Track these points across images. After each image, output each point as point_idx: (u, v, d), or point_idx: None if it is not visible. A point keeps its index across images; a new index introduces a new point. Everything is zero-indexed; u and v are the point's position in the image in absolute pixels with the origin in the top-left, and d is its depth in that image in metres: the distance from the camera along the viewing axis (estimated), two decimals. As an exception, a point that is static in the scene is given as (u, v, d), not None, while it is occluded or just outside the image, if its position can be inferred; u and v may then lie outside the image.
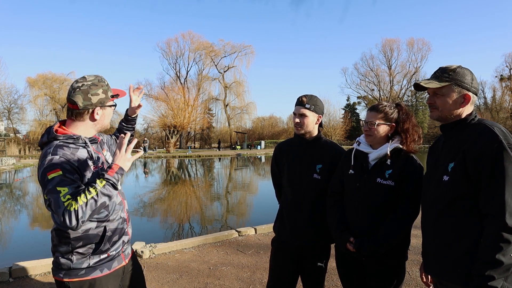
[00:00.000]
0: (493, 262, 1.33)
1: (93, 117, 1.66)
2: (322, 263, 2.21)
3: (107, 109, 1.71)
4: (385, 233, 1.82)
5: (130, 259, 1.89)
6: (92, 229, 1.62)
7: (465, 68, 1.60)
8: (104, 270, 1.68)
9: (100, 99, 1.64)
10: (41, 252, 4.82)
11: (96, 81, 1.65)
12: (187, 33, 51.83)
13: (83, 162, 1.59)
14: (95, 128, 1.72)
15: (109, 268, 1.70)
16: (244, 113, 57.07)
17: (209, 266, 4.20)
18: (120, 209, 1.77)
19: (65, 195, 1.45)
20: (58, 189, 1.46)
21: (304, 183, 2.20)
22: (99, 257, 1.66)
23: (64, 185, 1.47)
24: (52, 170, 1.48)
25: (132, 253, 1.95)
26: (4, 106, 44.26)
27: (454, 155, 1.51)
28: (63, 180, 1.47)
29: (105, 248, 1.67)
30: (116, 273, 1.75)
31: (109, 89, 1.70)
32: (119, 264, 1.77)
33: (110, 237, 1.69)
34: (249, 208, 9.93)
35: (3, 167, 21.12)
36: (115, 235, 1.72)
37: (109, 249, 1.69)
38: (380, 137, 1.95)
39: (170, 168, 22.94)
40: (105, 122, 1.73)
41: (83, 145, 1.64)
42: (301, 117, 2.18)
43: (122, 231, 1.77)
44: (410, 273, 3.76)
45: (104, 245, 1.66)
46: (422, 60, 55.35)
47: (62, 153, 1.53)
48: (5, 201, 11.50)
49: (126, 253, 1.84)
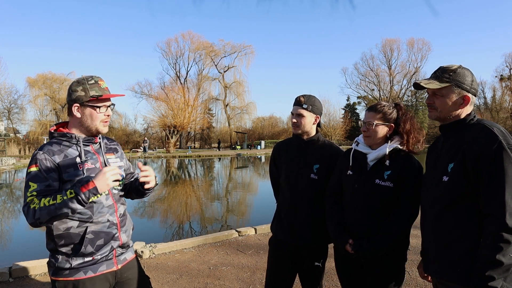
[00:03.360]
0: (493, 262, 1.33)
1: (73, 113, 1.68)
2: (319, 262, 2.21)
3: (87, 109, 1.67)
4: (384, 235, 1.81)
5: (126, 266, 1.81)
6: (74, 228, 1.62)
7: (465, 68, 1.60)
8: (88, 272, 1.65)
9: (78, 96, 1.66)
10: (41, 252, 4.80)
11: (81, 79, 1.70)
12: (187, 33, 51.90)
13: (69, 160, 1.63)
14: (82, 128, 1.71)
15: (94, 271, 1.67)
16: (244, 113, 57.12)
17: (209, 266, 4.20)
18: (108, 212, 1.71)
19: (32, 191, 1.52)
20: (29, 183, 1.54)
21: (301, 183, 2.20)
22: (82, 259, 1.64)
23: (36, 181, 1.54)
24: (31, 165, 1.58)
25: (131, 260, 1.87)
26: (4, 106, 44.25)
27: (453, 156, 1.51)
28: (37, 176, 1.55)
29: (88, 252, 1.63)
30: (103, 277, 1.70)
31: (93, 88, 1.66)
32: (108, 269, 1.72)
33: (92, 240, 1.64)
34: (249, 208, 9.93)
35: (3, 167, 21.11)
36: (99, 238, 1.66)
37: (93, 253, 1.65)
38: (379, 138, 1.93)
39: (170, 168, 22.93)
40: (90, 122, 1.69)
41: (75, 142, 1.68)
42: (298, 117, 2.18)
43: (109, 236, 1.70)
44: (410, 273, 3.77)
45: (86, 248, 1.62)
46: (422, 60, 55.39)
47: (47, 149, 1.61)
48: (5, 201, 11.50)
49: (120, 259, 1.78)
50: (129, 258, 1.86)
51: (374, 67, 57.43)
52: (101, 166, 1.72)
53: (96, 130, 1.72)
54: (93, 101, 1.68)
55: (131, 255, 1.89)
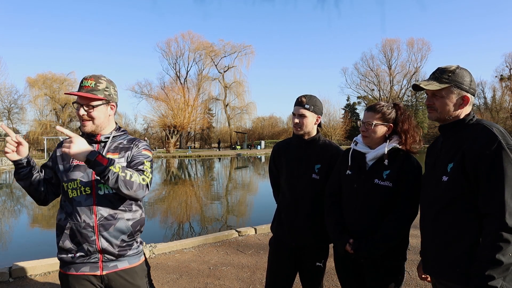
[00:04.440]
0: (492, 262, 1.33)
1: None
2: (320, 262, 2.21)
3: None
4: (383, 234, 1.81)
5: (117, 274, 1.71)
6: (61, 220, 1.71)
7: (463, 68, 1.60)
8: (71, 270, 1.70)
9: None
10: (41, 252, 4.82)
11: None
12: (187, 33, 51.93)
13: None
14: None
15: (76, 270, 1.69)
16: (244, 113, 57.13)
17: (209, 266, 4.20)
18: (85, 213, 1.65)
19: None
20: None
21: (303, 183, 2.20)
22: (66, 254, 1.69)
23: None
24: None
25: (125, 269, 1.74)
26: (4, 106, 44.17)
27: (453, 156, 1.52)
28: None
29: (66, 247, 1.67)
30: (86, 277, 1.68)
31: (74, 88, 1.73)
32: (91, 271, 1.68)
33: (70, 236, 1.66)
34: (249, 208, 9.94)
35: (3, 167, 21.11)
36: (75, 237, 1.66)
37: (72, 249, 1.67)
38: (378, 138, 1.93)
39: (170, 168, 22.93)
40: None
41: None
42: (300, 117, 2.18)
43: (84, 237, 1.65)
44: (410, 273, 3.77)
45: (64, 243, 1.67)
46: (422, 60, 55.47)
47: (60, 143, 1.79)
48: (5, 201, 11.50)
49: (108, 265, 1.70)
50: (122, 267, 1.74)
51: (374, 67, 57.53)
52: None
53: (83, 128, 1.75)
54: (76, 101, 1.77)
55: (126, 264, 1.76)
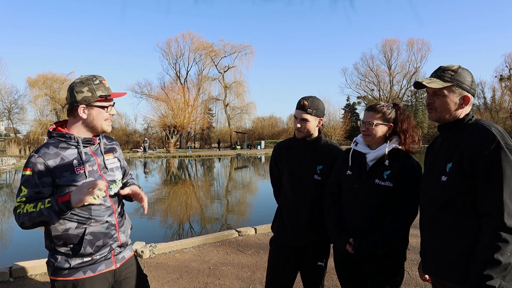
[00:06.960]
0: (491, 262, 1.33)
1: (79, 115, 1.67)
2: (322, 262, 2.21)
3: (95, 109, 1.68)
4: (383, 234, 1.82)
5: (125, 264, 1.82)
6: (72, 229, 1.62)
7: (465, 69, 1.61)
8: (87, 272, 1.66)
9: (84, 97, 1.64)
10: (41, 252, 4.80)
11: (84, 79, 1.67)
12: (187, 33, 51.84)
13: (66, 163, 1.60)
14: (86, 128, 1.71)
15: (94, 271, 1.67)
16: (244, 113, 57.08)
17: (209, 266, 4.21)
18: (107, 214, 1.71)
19: (22, 196, 1.54)
20: (21, 187, 1.56)
21: (305, 184, 2.20)
22: (81, 259, 1.64)
23: (27, 186, 1.55)
24: (26, 168, 1.58)
25: (130, 257, 1.88)
26: (5, 106, 44.31)
27: (451, 155, 1.52)
28: (29, 181, 1.55)
29: (87, 252, 1.64)
30: (102, 276, 1.70)
31: (99, 89, 1.66)
32: (106, 268, 1.72)
33: (91, 241, 1.64)
34: (249, 208, 9.94)
35: (3, 167, 21.12)
36: (99, 239, 1.67)
37: (93, 253, 1.66)
38: (378, 137, 1.94)
39: (170, 168, 22.94)
40: (95, 122, 1.69)
41: (75, 144, 1.66)
42: (303, 122, 2.17)
43: (108, 236, 1.71)
44: (410, 273, 3.77)
45: (85, 249, 1.63)
46: (422, 60, 55.36)
47: (43, 152, 1.59)
48: (5, 201, 11.51)
49: (118, 257, 1.79)
50: (128, 256, 1.86)
51: (374, 67, 57.46)
52: (99, 168, 1.71)
53: (101, 129, 1.73)
54: (101, 101, 1.68)
55: (130, 253, 1.89)
